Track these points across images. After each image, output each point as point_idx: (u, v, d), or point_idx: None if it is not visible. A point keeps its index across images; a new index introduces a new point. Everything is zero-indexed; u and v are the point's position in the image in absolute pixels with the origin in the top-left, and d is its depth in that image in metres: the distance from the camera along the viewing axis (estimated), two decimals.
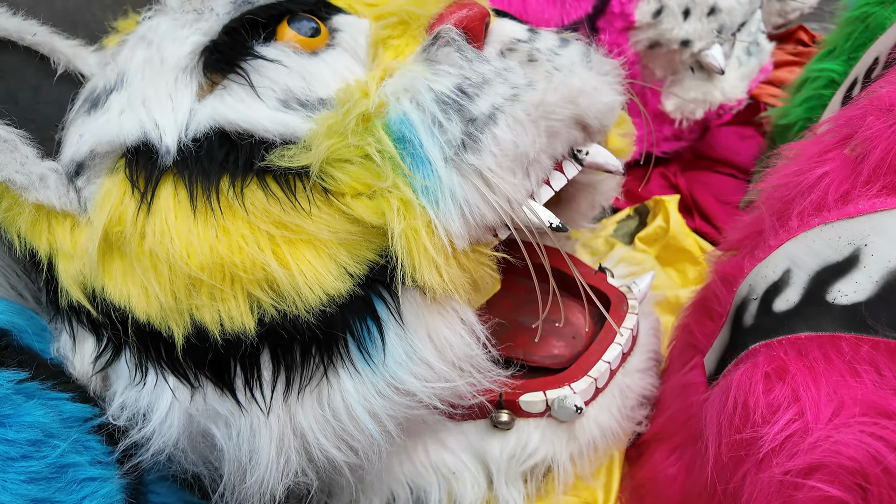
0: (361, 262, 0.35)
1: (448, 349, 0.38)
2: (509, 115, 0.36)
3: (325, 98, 0.38)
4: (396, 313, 0.36)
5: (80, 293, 0.36)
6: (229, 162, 0.34)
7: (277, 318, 0.34)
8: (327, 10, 0.43)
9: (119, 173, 0.35)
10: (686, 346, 0.46)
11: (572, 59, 0.42)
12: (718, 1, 0.73)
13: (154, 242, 0.33)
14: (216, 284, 0.33)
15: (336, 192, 0.34)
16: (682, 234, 0.67)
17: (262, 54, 0.37)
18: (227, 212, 0.33)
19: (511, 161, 0.36)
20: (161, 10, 0.41)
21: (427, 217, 0.34)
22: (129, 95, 0.37)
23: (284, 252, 0.34)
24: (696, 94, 0.79)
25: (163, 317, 0.34)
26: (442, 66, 0.37)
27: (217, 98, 0.36)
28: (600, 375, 0.46)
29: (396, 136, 0.34)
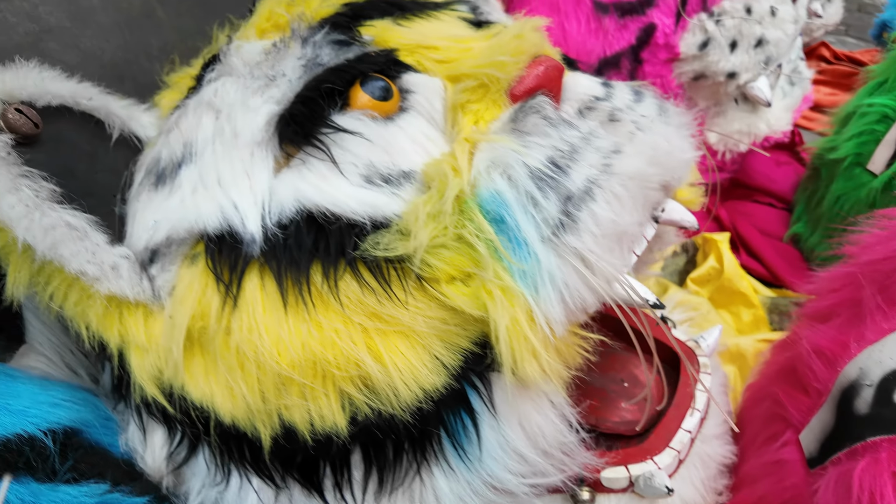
0: (456, 351, 0.33)
1: (540, 437, 0.36)
2: (607, 191, 0.33)
3: (407, 171, 0.35)
4: (490, 403, 0.34)
5: (156, 389, 0.33)
6: (319, 249, 0.31)
7: (371, 416, 0.32)
8: (397, 69, 0.40)
9: (199, 263, 0.32)
10: (773, 417, 0.44)
11: (650, 115, 0.40)
12: (766, 32, 0.71)
13: (241, 339, 0.30)
14: (307, 383, 0.31)
15: (430, 278, 0.32)
16: (736, 276, 0.65)
17: (342, 125, 0.35)
18: (320, 304, 0.31)
19: (611, 240, 0.34)
20: (225, 71, 0.38)
21: (527, 305, 0.32)
22: (200, 172, 0.34)
23: (378, 345, 0.31)
24: (740, 126, 0.77)
25: (249, 418, 0.32)
26: (532, 138, 0.34)
27: (296, 174, 0.34)
28: (682, 447, 0.44)
29: (492, 216, 0.32)
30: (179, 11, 0.47)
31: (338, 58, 0.38)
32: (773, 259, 0.74)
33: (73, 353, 0.39)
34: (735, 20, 0.70)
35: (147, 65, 0.46)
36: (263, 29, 0.42)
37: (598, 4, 0.74)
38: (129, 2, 0.44)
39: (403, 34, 0.42)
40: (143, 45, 0.45)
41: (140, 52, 0.45)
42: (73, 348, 0.39)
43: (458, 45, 0.42)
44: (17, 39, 0.38)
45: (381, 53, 0.40)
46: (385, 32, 0.42)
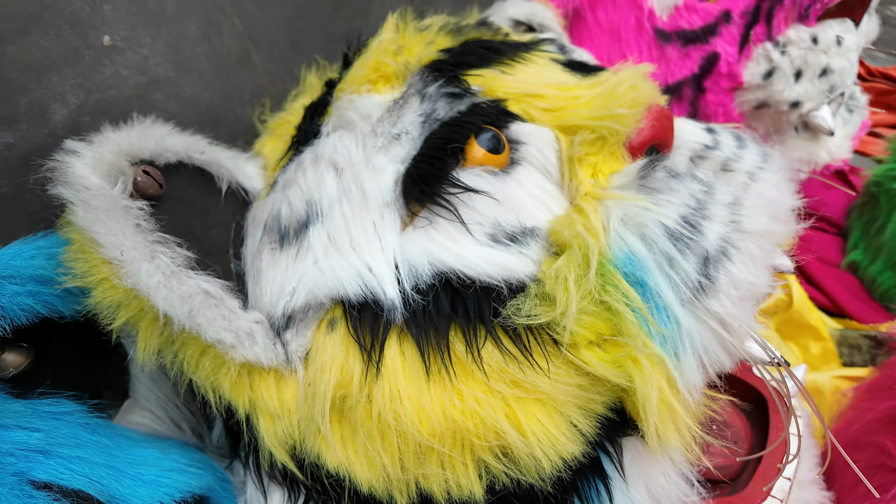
0: (592, 418, 0.32)
1: (664, 497, 0.35)
2: (744, 252, 0.33)
3: (531, 228, 0.35)
4: (620, 467, 0.33)
5: (287, 456, 0.33)
6: (458, 315, 0.31)
7: (510, 485, 0.31)
8: (504, 119, 0.40)
9: (339, 329, 0.32)
10: (879, 467, 0.43)
11: (756, 162, 0.40)
12: (831, 62, 0.71)
13: (383, 407, 0.30)
14: (447, 452, 0.30)
15: (569, 344, 0.32)
16: (805, 308, 0.64)
17: (468, 184, 0.34)
18: (461, 373, 0.30)
19: (747, 301, 0.33)
20: (340, 125, 0.38)
21: (668, 371, 0.31)
22: (329, 233, 0.34)
23: (518, 414, 0.31)
24: (801, 154, 0.77)
25: (387, 486, 0.31)
26: (662, 195, 0.34)
27: (423, 235, 0.33)
28: (784, 495, 0.44)
29: (631, 280, 0.32)
30: (273, 55, 0.47)
31: (452, 111, 0.38)
32: (835, 288, 0.73)
33: (179, 407, 0.39)
34: (801, 50, 0.70)
35: (241, 109, 0.46)
36: (373, 80, 0.42)
37: (661, 32, 0.74)
38: (229, 48, 0.43)
39: (509, 83, 0.42)
40: (237, 90, 0.45)
41: (235, 96, 0.45)
42: (178, 402, 0.39)
43: (565, 93, 0.42)
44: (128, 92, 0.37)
45: (491, 104, 0.40)
46: (492, 81, 0.42)
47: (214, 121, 0.44)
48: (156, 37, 0.38)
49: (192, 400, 0.39)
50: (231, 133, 0.45)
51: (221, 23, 0.42)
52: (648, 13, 0.73)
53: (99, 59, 0.36)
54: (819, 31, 0.70)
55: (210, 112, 0.43)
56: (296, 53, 0.48)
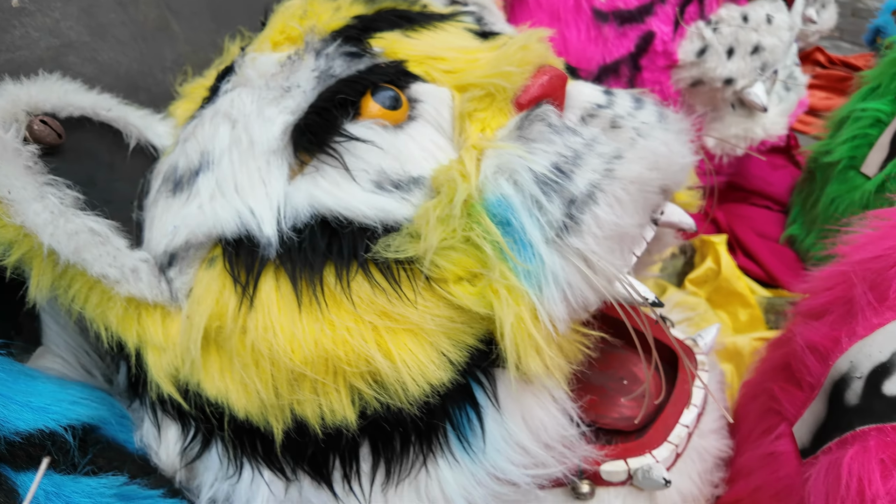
0: (462, 348, 0.34)
1: (542, 430, 0.37)
2: (609, 194, 0.35)
3: (416, 177, 0.37)
4: (494, 397, 0.35)
5: (172, 387, 0.35)
6: (332, 252, 0.33)
7: (380, 410, 0.33)
8: (405, 79, 0.42)
9: (217, 266, 0.34)
10: (767, 411, 0.45)
11: (650, 121, 0.42)
12: (762, 39, 0.72)
13: (256, 337, 0.32)
14: (320, 378, 0.32)
15: (438, 278, 0.34)
16: (733, 276, 0.66)
17: (355, 134, 0.36)
18: (333, 304, 0.32)
19: (612, 241, 0.35)
20: (241, 83, 0.40)
21: (531, 303, 0.33)
22: (217, 179, 0.36)
23: (388, 343, 0.33)
24: (737, 131, 0.78)
25: (262, 413, 0.33)
26: (537, 144, 0.36)
27: (310, 181, 0.35)
28: (680, 441, 0.46)
29: (498, 219, 0.34)
30: (193, 25, 0.49)
31: (350, 69, 0.40)
32: (769, 260, 0.75)
33: (89, 354, 0.41)
34: (732, 28, 0.72)
35: (161, 76, 0.48)
36: (277, 41, 0.44)
37: (598, 13, 0.76)
38: (145, 15, 0.46)
39: (412, 46, 0.44)
40: (157, 58, 0.47)
41: (154, 64, 0.47)
42: (88, 350, 0.41)
43: (466, 55, 0.44)
44: (40, 53, 0.39)
45: (390, 64, 0.42)
46: (395, 44, 0.44)
47: (133, 86, 0.46)
48: (67, 1, 0.40)
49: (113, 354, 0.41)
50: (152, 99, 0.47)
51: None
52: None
53: (7, 20, 0.38)
54: (749, 10, 0.72)
55: (129, 77, 0.45)
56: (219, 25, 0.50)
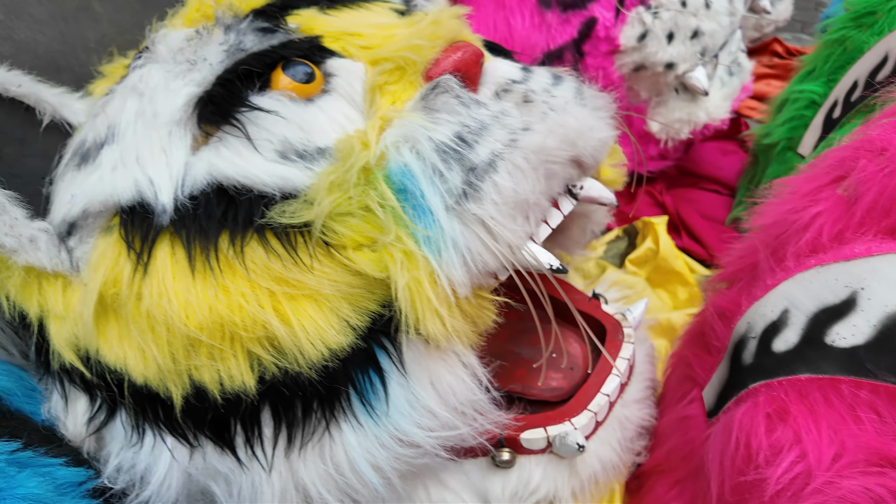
0: (363, 313, 0.35)
1: (451, 395, 0.37)
2: (509, 162, 0.36)
3: (323, 147, 0.37)
4: (399, 363, 0.36)
5: (74, 355, 0.35)
6: (228, 219, 0.33)
7: (279, 375, 0.33)
8: (321, 54, 0.42)
9: (113, 233, 0.34)
10: (684, 378, 0.46)
11: (566, 97, 0.42)
12: (701, 24, 0.74)
13: (151, 304, 0.32)
14: (216, 344, 0.33)
15: (337, 245, 0.34)
16: (671, 255, 0.68)
17: (258, 104, 0.37)
18: (227, 270, 0.33)
19: (512, 208, 0.36)
20: (152, 58, 0.40)
21: (430, 267, 0.34)
22: (121, 150, 0.36)
23: (286, 308, 0.33)
24: (680, 115, 0.80)
25: (161, 378, 0.33)
26: (441, 115, 0.36)
27: (213, 151, 0.36)
28: (600, 409, 0.46)
29: (398, 187, 0.34)
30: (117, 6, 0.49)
31: (262, 44, 0.40)
32: (712, 240, 0.76)
33: (3, 330, 0.41)
34: (671, 12, 0.73)
35: (84, 57, 0.48)
36: (193, 18, 0.44)
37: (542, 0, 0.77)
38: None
39: (329, 22, 0.45)
40: (79, 38, 0.47)
41: (77, 44, 0.47)
42: (3, 326, 0.41)
43: (382, 31, 0.44)
44: None
45: (304, 40, 0.42)
46: (310, 21, 0.44)
47: (55, 66, 0.46)
48: None
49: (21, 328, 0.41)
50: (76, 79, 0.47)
51: None
52: None
53: None
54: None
55: (49, 57, 0.45)
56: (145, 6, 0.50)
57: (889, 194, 0.33)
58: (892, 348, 0.30)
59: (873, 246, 0.32)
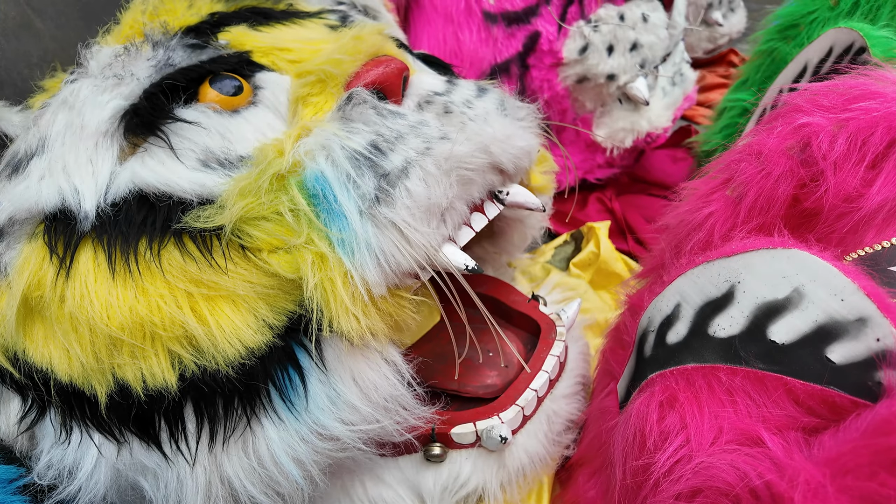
0: (280, 313, 0.37)
1: (373, 391, 0.39)
2: (420, 168, 0.38)
3: (244, 156, 0.39)
4: (319, 360, 0.38)
5: (2, 356, 0.36)
6: (147, 224, 0.35)
7: (198, 372, 0.35)
8: (250, 68, 0.44)
9: (38, 239, 0.36)
10: (604, 373, 0.49)
11: (487, 108, 0.45)
12: (640, 37, 0.77)
13: (74, 306, 0.34)
14: (137, 343, 0.34)
15: (253, 248, 0.36)
16: (612, 258, 0.70)
17: (182, 116, 0.39)
18: (146, 273, 0.34)
19: (424, 212, 0.38)
20: (83, 73, 0.42)
21: (343, 268, 0.36)
22: (49, 161, 0.38)
23: (203, 309, 0.35)
24: (624, 125, 0.83)
25: (85, 377, 0.35)
26: (355, 124, 0.39)
27: (137, 161, 0.38)
28: (527, 404, 0.49)
29: (312, 192, 0.36)
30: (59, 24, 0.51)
31: (190, 59, 0.43)
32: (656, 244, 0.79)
33: None
34: (610, 26, 0.77)
35: (27, 72, 0.50)
36: (126, 35, 0.46)
37: (488, 14, 0.80)
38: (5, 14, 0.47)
39: (259, 38, 0.47)
40: (22, 54, 0.49)
41: (19, 60, 0.49)
42: None
43: (310, 46, 0.47)
44: None
45: (233, 55, 0.44)
46: (241, 37, 0.46)
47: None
48: None
49: None
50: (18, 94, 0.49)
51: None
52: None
53: None
54: (626, 10, 0.77)
55: None
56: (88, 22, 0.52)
57: (766, 194, 0.36)
58: (760, 337, 0.32)
59: (748, 242, 0.34)
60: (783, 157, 0.36)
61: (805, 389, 0.30)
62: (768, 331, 0.32)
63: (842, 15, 0.66)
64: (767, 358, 0.32)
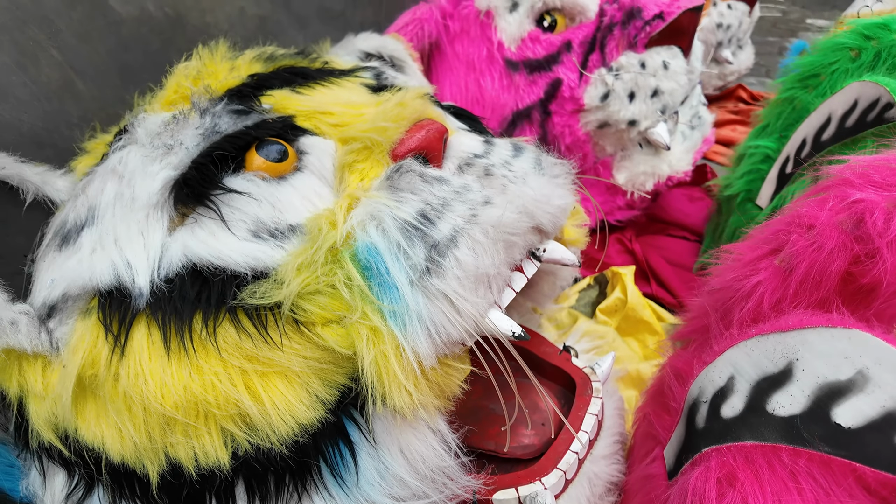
0: (333, 387, 0.36)
1: (421, 463, 0.39)
2: (469, 237, 0.38)
3: (294, 224, 0.39)
4: (368, 434, 0.37)
5: (52, 434, 0.36)
6: (201, 300, 0.35)
7: (251, 451, 0.35)
8: (294, 133, 0.45)
9: (92, 316, 0.36)
10: (647, 436, 0.48)
11: (525, 168, 0.45)
12: (660, 84, 0.78)
13: (128, 384, 0.34)
14: (190, 422, 0.34)
15: (307, 322, 0.36)
16: (639, 305, 0.70)
17: (232, 186, 0.39)
18: (200, 350, 0.34)
19: (474, 281, 0.38)
20: (131, 140, 0.43)
21: (395, 341, 0.35)
22: (100, 233, 0.38)
23: (257, 385, 0.35)
24: (645, 168, 0.83)
25: (137, 456, 0.34)
26: (404, 193, 0.39)
27: (187, 232, 0.38)
28: (569, 467, 0.48)
29: (364, 264, 0.36)
30: (99, 84, 0.51)
31: (236, 125, 0.43)
32: (680, 288, 0.79)
33: None
34: (631, 74, 0.78)
35: (67, 133, 0.50)
36: (171, 101, 0.47)
37: (509, 62, 0.81)
38: (48, 76, 0.48)
39: (301, 101, 0.47)
40: (62, 115, 0.49)
41: (60, 121, 0.49)
42: None
43: (352, 110, 0.47)
44: None
45: (278, 119, 0.45)
46: (284, 101, 0.47)
47: (38, 143, 0.48)
48: None
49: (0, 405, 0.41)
50: (59, 154, 0.49)
51: (38, 54, 0.46)
52: (498, 45, 0.81)
53: None
54: (647, 57, 0.78)
55: (32, 135, 0.47)
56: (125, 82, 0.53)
57: (818, 268, 0.36)
58: (824, 418, 0.32)
59: (805, 318, 0.34)
60: (835, 231, 0.36)
61: (877, 478, 0.29)
62: (832, 413, 0.32)
63: (864, 66, 0.67)
64: (833, 441, 0.31)
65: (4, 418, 0.43)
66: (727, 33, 1.26)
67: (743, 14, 1.25)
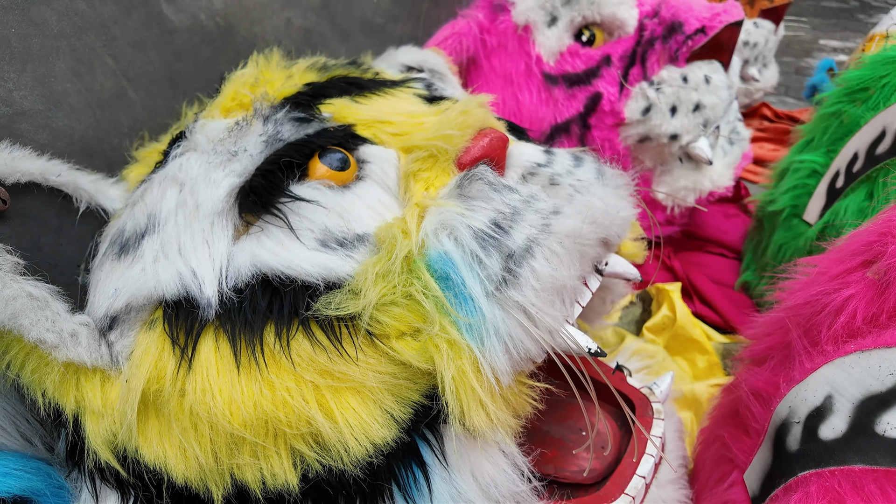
0: (406, 405, 0.34)
1: (493, 487, 0.36)
2: (545, 248, 0.36)
3: (361, 234, 0.38)
4: (441, 455, 0.35)
5: (110, 454, 0.34)
6: (273, 311, 0.33)
7: (322, 472, 0.32)
8: (354, 141, 0.43)
9: (157, 328, 0.34)
10: (721, 459, 0.45)
11: (588, 178, 0.44)
12: (702, 98, 0.77)
13: (195, 401, 0.32)
14: (259, 442, 0.32)
15: (381, 335, 0.34)
16: (689, 323, 0.68)
17: (299, 194, 0.37)
18: (272, 365, 0.32)
19: (550, 293, 0.36)
20: (190, 147, 0.41)
21: (473, 356, 0.33)
22: (162, 241, 0.36)
23: (330, 402, 0.33)
24: (686, 183, 0.82)
25: (202, 478, 0.32)
26: (475, 202, 0.37)
27: (254, 241, 0.36)
28: (637, 493, 0.45)
29: (439, 274, 0.34)
30: (150, 92, 0.50)
31: (298, 133, 0.42)
32: (725, 306, 0.77)
33: (29, 422, 0.39)
34: (673, 88, 0.77)
35: (117, 141, 0.49)
36: (228, 108, 0.45)
37: (548, 76, 0.80)
38: (102, 84, 0.47)
39: (361, 111, 0.46)
40: (113, 124, 0.48)
41: (111, 129, 0.48)
42: (28, 417, 0.39)
43: (411, 119, 0.46)
44: None
45: (339, 128, 0.43)
46: (343, 109, 0.46)
47: (89, 151, 0.46)
48: (21, 72, 0.41)
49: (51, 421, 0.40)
50: (108, 163, 0.48)
51: (93, 62, 0.46)
52: (536, 59, 0.80)
53: None
54: (688, 72, 0.77)
55: (84, 143, 0.46)
56: (176, 91, 0.52)
57: None
58: None
59: None
60: None
61: None
62: None
63: None
64: None
65: (51, 437, 0.41)
66: (753, 51, 1.25)
67: (769, 32, 1.25)
